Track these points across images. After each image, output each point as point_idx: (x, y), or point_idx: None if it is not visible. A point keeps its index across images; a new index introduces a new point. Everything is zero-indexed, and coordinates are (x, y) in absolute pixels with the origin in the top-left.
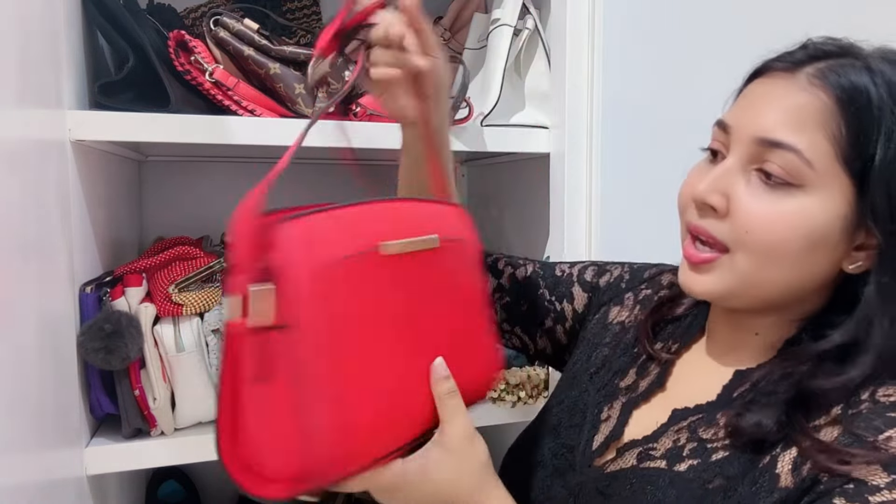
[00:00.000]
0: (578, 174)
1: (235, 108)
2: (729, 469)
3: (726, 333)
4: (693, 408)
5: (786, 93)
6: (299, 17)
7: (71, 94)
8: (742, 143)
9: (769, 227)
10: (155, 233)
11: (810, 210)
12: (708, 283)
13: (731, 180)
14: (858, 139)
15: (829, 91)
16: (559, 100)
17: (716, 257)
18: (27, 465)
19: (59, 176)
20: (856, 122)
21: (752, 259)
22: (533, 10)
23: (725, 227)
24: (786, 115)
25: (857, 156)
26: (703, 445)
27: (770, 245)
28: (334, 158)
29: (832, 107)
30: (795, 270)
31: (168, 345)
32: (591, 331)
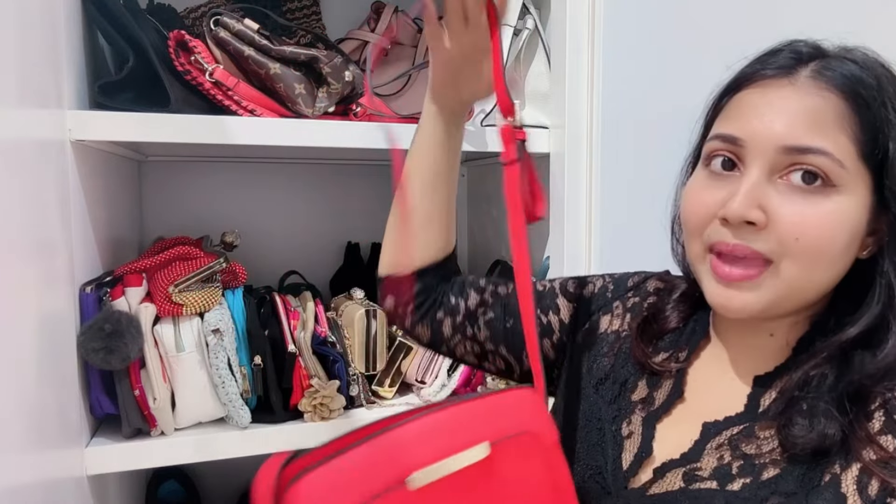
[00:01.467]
0: (578, 174)
1: (235, 108)
2: (784, 486)
3: (738, 336)
4: (723, 420)
5: (794, 98)
6: (299, 17)
7: (71, 94)
8: (764, 154)
9: (818, 231)
10: (155, 233)
11: (847, 208)
12: (751, 300)
13: (762, 192)
14: (875, 136)
15: (837, 91)
16: (559, 100)
17: (758, 273)
18: (27, 465)
19: (59, 176)
20: (868, 119)
21: (800, 265)
22: (533, 10)
23: (767, 239)
24: (806, 121)
25: (875, 151)
26: (751, 462)
27: (821, 248)
28: (335, 159)
29: (844, 106)
30: (837, 269)
31: (168, 345)
32: (584, 342)
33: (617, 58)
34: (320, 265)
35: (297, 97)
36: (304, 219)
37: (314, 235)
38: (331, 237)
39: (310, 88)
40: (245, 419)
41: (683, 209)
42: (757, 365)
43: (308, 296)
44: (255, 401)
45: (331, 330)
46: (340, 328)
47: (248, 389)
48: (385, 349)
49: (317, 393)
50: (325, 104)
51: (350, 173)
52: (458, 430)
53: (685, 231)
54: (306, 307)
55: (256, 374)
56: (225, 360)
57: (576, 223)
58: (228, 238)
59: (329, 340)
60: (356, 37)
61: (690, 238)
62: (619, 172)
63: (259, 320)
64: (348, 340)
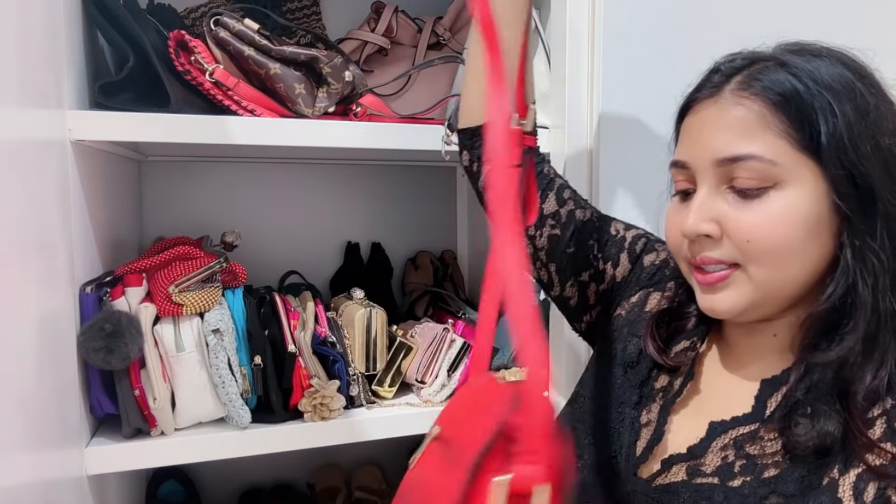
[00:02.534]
0: (578, 174)
1: (235, 108)
2: (783, 487)
3: (744, 339)
4: (730, 420)
5: (720, 114)
6: (299, 17)
7: (71, 94)
8: (705, 171)
9: (766, 231)
10: (155, 233)
11: (794, 202)
12: (729, 300)
13: (713, 205)
14: (803, 125)
15: (756, 98)
16: (559, 100)
17: (728, 273)
18: (27, 465)
19: (59, 176)
20: (796, 112)
21: (765, 265)
22: (533, 10)
23: (726, 247)
24: (731, 131)
25: (809, 138)
26: (753, 462)
27: (774, 245)
28: (335, 159)
29: (767, 109)
30: (807, 261)
31: (168, 345)
32: (627, 316)
33: (617, 58)
34: (320, 265)
35: (297, 97)
36: (304, 219)
37: (314, 235)
38: (331, 237)
39: (310, 88)
40: (245, 419)
41: (665, 233)
42: (764, 368)
43: (308, 296)
44: (255, 401)
45: (331, 330)
46: (340, 328)
47: (248, 389)
48: (385, 349)
49: (317, 393)
50: (325, 104)
51: (350, 173)
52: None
53: (671, 252)
54: (306, 307)
55: (256, 374)
56: (225, 360)
57: None
58: (228, 238)
59: (329, 340)
60: (356, 37)
61: (677, 259)
62: (619, 172)
63: (259, 320)
64: (348, 340)
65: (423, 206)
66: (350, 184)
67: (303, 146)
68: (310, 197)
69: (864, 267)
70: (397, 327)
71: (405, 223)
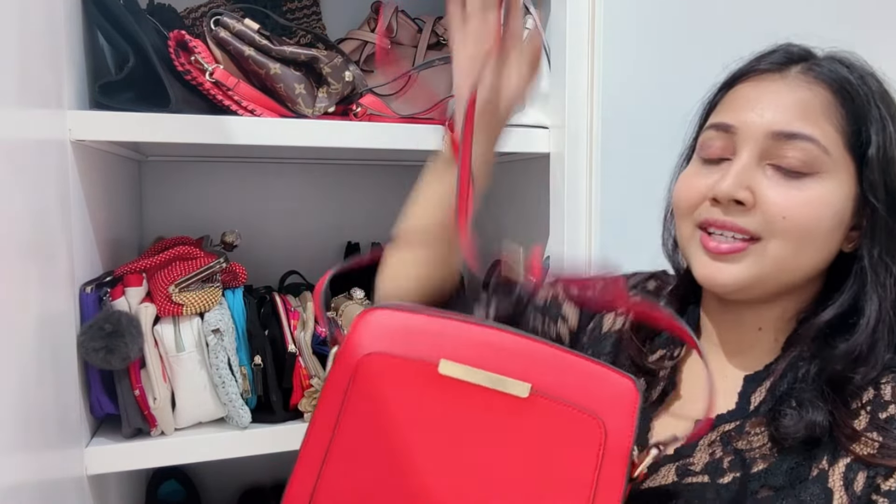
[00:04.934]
0: (578, 174)
1: (235, 108)
2: (773, 479)
3: (728, 333)
4: (715, 418)
5: (786, 90)
6: (299, 17)
7: (71, 94)
8: (754, 140)
9: (804, 212)
10: (155, 233)
11: (831, 193)
12: (736, 272)
13: (751, 175)
14: (859, 127)
15: (825, 85)
16: (559, 100)
17: (745, 246)
18: (27, 465)
19: (59, 176)
20: (853, 112)
21: (788, 244)
22: (533, 10)
23: (755, 218)
24: (795, 110)
25: (858, 142)
26: (741, 457)
27: (806, 228)
28: (335, 159)
29: (832, 99)
30: (823, 251)
31: (168, 345)
32: (588, 342)
33: (617, 58)
34: (320, 265)
35: (297, 97)
36: (304, 219)
37: (314, 235)
38: (331, 237)
39: (310, 88)
40: (245, 419)
41: (676, 193)
42: (748, 363)
43: (308, 296)
44: (255, 401)
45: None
46: (341, 328)
47: (248, 389)
48: None
49: (317, 393)
50: (325, 104)
51: (350, 173)
52: (523, 362)
53: (676, 214)
54: (306, 307)
55: (256, 374)
56: (225, 360)
57: (576, 223)
58: (228, 238)
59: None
60: (356, 37)
61: (681, 219)
62: (619, 172)
63: (259, 320)
64: None
65: None
66: (350, 184)
67: (303, 146)
68: (310, 197)
69: (877, 278)
70: None
71: None
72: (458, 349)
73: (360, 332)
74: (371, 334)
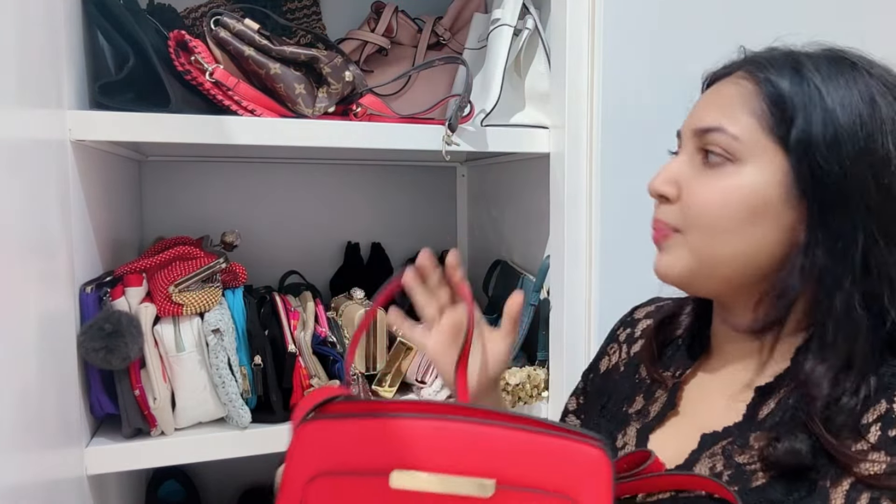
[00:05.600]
0: (578, 174)
1: (235, 108)
2: (771, 494)
3: (732, 346)
4: (722, 431)
5: (719, 90)
6: (299, 17)
7: (71, 94)
8: (687, 139)
9: (708, 202)
10: (155, 233)
11: (746, 181)
12: (668, 261)
13: (681, 171)
14: (781, 110)
15: (749, 76)
16: (559, 100)
17: (668, 234)
18: (27, 465)
19: (59, 176)
20: (776, 96)
21: (702, 235)
22: (533, 10)
23: (675, 211)
24: (716, 106)
25: (781, 125)
26: (741, 471)
27: (711, 218)
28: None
29: (753, 88)
30: (743, 242)
31: (168, 345)
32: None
33: (617, 58)
34: (320, 265)
35: (297, 97)
36: (304, 219)
37: (314, 235)
38: (331, 237)
39: (310, 88)
40: (245, 419)
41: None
42: (757, 376)
43: (308, 296)
44: (255, 401)
45: (331, 330)
46: (340, 328)
47: (248, 389)
48: (385, 349)
49: None
50: (325, 104)
51: (350, 173)
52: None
53: None
54: (306, 307)
55: (256, 374)
56: (225, 360)
57: (576, 223)
58: (228, 238)
59: (329, 340)
60: (356, 37)
61: None
62: (619, 172)
63: (259, 320)
64: (348, 340)
65: (423, 206)
66: (350, 184)
67: (303, 146)
68: (310, 197)
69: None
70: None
71: (405, 223)
72: (411, 453)
73: (302, 452)
74: (314, 453)
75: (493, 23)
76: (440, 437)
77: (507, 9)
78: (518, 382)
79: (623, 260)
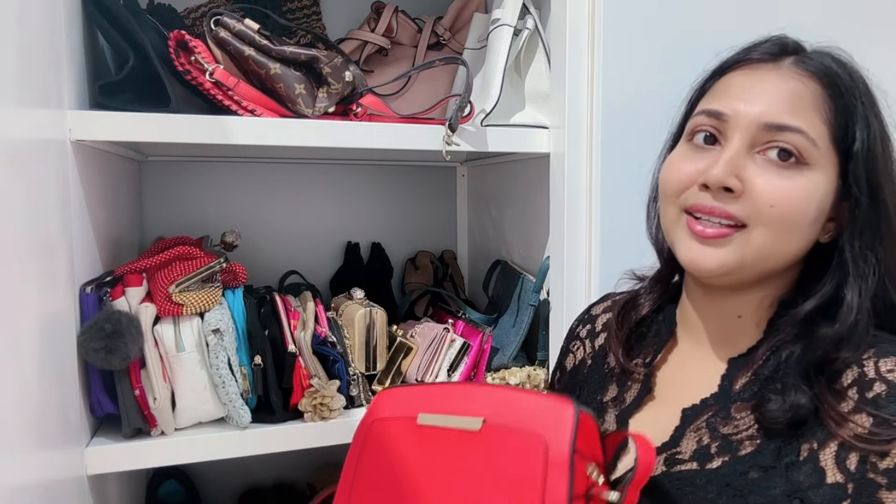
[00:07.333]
0: (578, 174)
1: (235, 108)
2: (762, 460)
3: (708, 323)
4: (700, 403)
5: (778, 81)
6: (299, 17)
7: (71, 94)
8: (745, 129)
9: (791, 201)
10: (155, 233)
11: (817, 184)
12: (721, 257)
13: (741, 163)
14: (846, 123)
15: (816, 79)
16: (559, 100)
17: (730, 232)
18: (27, 465)
19: (59, 176)
20: (842, 106)
21: (771, 232)
22: (533, 10)
23: (743, 205)
24: (786, 102)
25: (844, 137)
26: (728, 441)
27: (792, 218)
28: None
29: (822, 93)
30: (802, 241)
31: (168, 345)
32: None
33: (617, 58)
34: (320, 265)
35: (297, 97)
36: (304, 219)
37: (314, 235)
38: (331, 237)
39: (310, 88)
40: (245, 419)
41: (662, 177)
42: (730, 348)
43: (308, 296)
44: (255, 401)
45: (331, 330)
46: (340, 328)
47: (248, 389)
48: (385, 349)
49: (317, 393)
50: (325, 104)
51: (350, 173)
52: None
53: (662, 197)
54: (306, 307)
55: (256, 374)
56: (225, 360)
57: (576, 223)
58: (228, 238)
59: (329, 340)
60: (356, 37)
61: (667, 203)
62: (619, 172)
63: (259, 320)
64: (348, 340)
65: (423, 206)
66: (350, 184)
67: (303, 146)
68: (310, 197)
69: (858, 269)
70: (397, 327)
71: (405, 223)
72: (432, 403)
73: (372, 407)
74: (377, 407)
75: (493, 23)
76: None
77: (507, 9)
78: (518, 382)
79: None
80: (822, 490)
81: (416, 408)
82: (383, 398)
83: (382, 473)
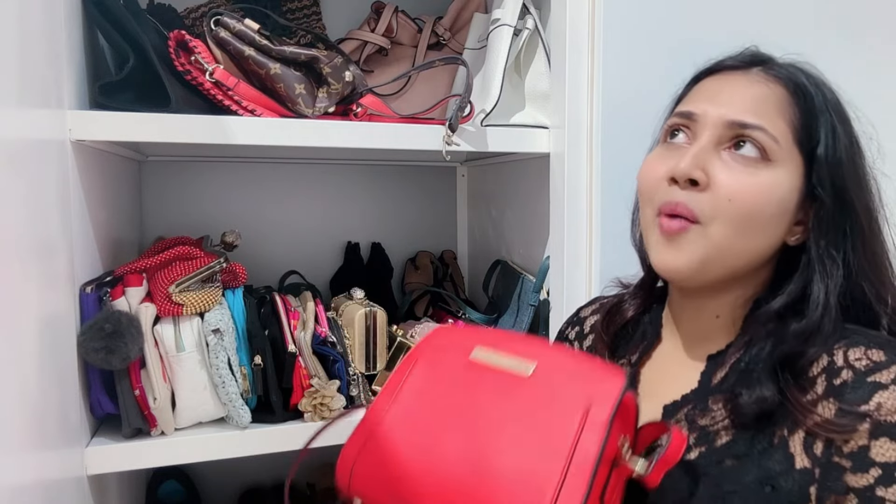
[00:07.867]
0: (578, 174)
1: (235, 108)
2: (736, 449)
3: (688, 324)
4: (681, 399)
5: (746, 84)
6: (299, 17)
7: (71, 94)
8: (713, 127)
9: (749, 196)
10: (155, 233)
11: (779, 181)
12: (685, 257)
13: (707, 158)
14: (810, 125)
15: (781, 84)
16: (559, 100)
17: (686, 226)
18: (27, 465)
19: (59, 176)
20: (806, 110)
21: (729, 228)
22: (533, 10)
23: (704, 199)
24: (750, 102)
25: (807, 140)
26: (705, 432)
27: (750, 212)
28: (335, 159)
29: (787, 97)
30: (764, 238)
31: (168, 345)
32: None
33: (617, 58)
34: (320, 265)
35: (297, 97)
36: (304, 219)
37: (314, 235)
38: (331, 237)
39: (310, 88)
40: (245, 419)
41: (639, 176)
42: (709, 346)
43: (308, 296)
44: (255, 401)
45: (331, 330)
46: (340, 328)
47: (248, 389)
48: (385, 349)
49: (317, 393)
50: (326, 104)
51: (350, 173)
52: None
53: (640, 199)
54: (306, 307)
55: (256, 374)
56: (225, 360)
57: (576, 223)
58: (228, 238)
59: (329, 340)
60: (356, 37)
61: (644, 205)
62: (619, 172)
63: (259, 320)
64: (348, 340)
65: (423, 206)
66: (350, 184)
67: (303, 146)
68: (310, 197)
69: (824, 268)
70: (397, 327)
71: (405, 223)
72: (489, 341)
73: (431, 335)
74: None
75: (493, 23)
76: (509, 338)
77: (507, 9)
78: None
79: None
80: (791, 476)
81: (474, 342)
82: (442, 331)
83: (426, 392)
